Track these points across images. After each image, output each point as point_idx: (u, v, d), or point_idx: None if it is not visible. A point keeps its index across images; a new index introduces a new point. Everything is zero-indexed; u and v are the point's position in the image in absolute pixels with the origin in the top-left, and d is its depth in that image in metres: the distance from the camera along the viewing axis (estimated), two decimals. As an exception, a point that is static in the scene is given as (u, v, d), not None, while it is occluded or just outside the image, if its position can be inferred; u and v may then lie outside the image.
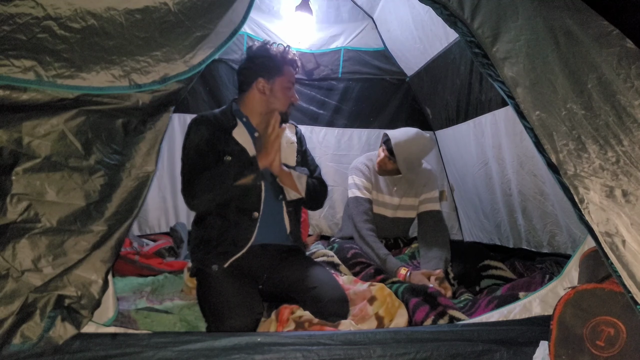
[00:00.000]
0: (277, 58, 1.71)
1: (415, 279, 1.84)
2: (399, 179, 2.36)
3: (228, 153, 1.61)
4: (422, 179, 2.36)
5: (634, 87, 1.25)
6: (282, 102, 1.71)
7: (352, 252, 2.09)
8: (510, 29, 1.29)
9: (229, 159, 1.60)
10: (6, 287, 0.95)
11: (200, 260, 1.60)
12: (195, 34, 1.16)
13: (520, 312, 1.35)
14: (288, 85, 1.72)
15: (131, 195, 1.10)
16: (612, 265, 1.09)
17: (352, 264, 2.04)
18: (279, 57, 1.72)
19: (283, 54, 1.72)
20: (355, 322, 1.43)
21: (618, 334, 1.10)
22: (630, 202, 1.15)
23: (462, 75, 2.54)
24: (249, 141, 1.66)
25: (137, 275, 2.08)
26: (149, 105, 1.13)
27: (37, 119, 1.00)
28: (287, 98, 1.72)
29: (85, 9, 1.04)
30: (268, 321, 1.44)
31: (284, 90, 1.71)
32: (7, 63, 0.96)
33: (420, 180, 2.36)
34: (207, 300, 1.50)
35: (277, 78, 1.69)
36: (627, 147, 1.20)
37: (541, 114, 1.23)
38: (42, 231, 0.98)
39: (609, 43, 1.30)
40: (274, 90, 1.70)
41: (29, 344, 0.96)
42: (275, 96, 1.70)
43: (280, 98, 1.70)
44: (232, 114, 1.71)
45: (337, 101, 3.26)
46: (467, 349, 1.15)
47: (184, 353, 1.04)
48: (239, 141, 1.65)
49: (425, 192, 2.34)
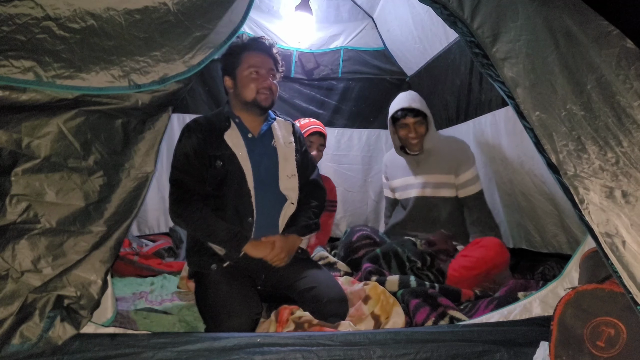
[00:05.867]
0: (234, 50, 1.65)
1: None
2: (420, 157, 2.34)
3: (219, 158, 1.60)
4: (452, 154, 2.29)
5: (633, 88, 1.25)
6: (249, 91, 1.62)
7: (358, 235, 2.16)
8: (510, 29, 1.29)
9: (220, 164, 1.59)
10: (6, 287, 0.95)
11: (197, 262, 1.60)
12: (195, 34, 1.15)
13: (521, 313, 1.35)
14: (250, 71, 1.62)
15: (130, 196, 1.10)
16: (612, 265, 1.09)
17: (356, 247, 2.09)
18: (235, 48, 1.65)
19: (240, 44, 1.66)
20: (353, 322, 1.43)
21: (618, 334, 1.09)
22: (630, 203, 1.15)
23: (462, 75, 2.53)
24: (241, 144, 1.64)
25: (136, 275, 2.09)
26: (148, 105, 1.13)
27: (37, 120, 1.00)
28: (254, 84, 1.62)
29: (84, 9, 1.04)
30: (267, 322, 1.44)
31: (247, 79, 1.63)
32: (6, 63, 0.96)
33: (451, 155, 2.28)
34: (205, 302, 1.50)
35: (237, 69, 1.64)
36: (627, 148, 1.20)
37: (541, 114, 1.23)
38: (42, 232, 0.98)
39: (609, 43, 1.29)
40: (238, 82, 1.65)
41: (28, 344, 0.96)
42: (240, 88, 1.64)
43: (245, 87, 1.63)
44: (225, 115, 1.69)
45: (336, 101, 3.26)
46: (467, 349, 1.14)
47: (183, 353, 1.04)
48: (229, 145, 1.62)
49: (463, 172, 2.26)
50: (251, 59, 1.64)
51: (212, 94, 2.99)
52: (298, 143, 1.81)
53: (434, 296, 1.57)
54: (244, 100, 1.65)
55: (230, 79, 1.67)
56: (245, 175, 1.61)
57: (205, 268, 1.55)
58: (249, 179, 1.61)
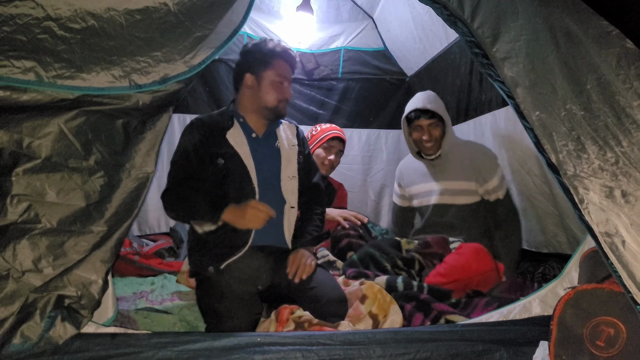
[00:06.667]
0: (265, 52, 1.66)
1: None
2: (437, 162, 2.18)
3: (221, 156, 1.60)
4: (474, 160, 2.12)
5: (633, 88, 1.25)
6: (271, 97, 1.64)
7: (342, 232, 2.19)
8: (510, 29, 1.29)
9: (221, 162, 1.59)
10: (7, 287, 0.95)
11: (197, 262, 1.60)
12: (195, 34, 1.16)
13: (520, 312, 1.35)
14: (277, 78, 1.65)
15: (131, 196, 1.10)
16: (612, 265, 1.09)
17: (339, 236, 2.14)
18: (267, 51, 1.67)
19: (273, 48, 1.67)
20: (351, 322, 1.43)
21: (618, 334, 1.09)
22: (629, 203, 1.15)
23: (462, 75, 2.53)
24: (244, 143, 1.64)
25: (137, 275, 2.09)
26: (149, 105, 1.13)
27: (38, 120, 1.00)
28: (277, 92, 1.65)
29: (85, 10, 1.04)
30: (268, 321, 1.44)
31: (272, 84, 1.64)
32: (7, 64, 0.96)
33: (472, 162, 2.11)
34: (205, 301, 1.50)
35: (265, 72, 1.64)
36: (627, 148, 1.20)
37: (541, 114, 1.23)
38: (42, 232, 0.99)
39: (609, 43, 1.30)
40: (262, 84, 1.65)
41: (29, 344, 0.96)
42: (263, 91, 1.64)
43: (268, 92, 1.64)
44: (229, 114, 1.69)
45: (337, 101, 3.27)
46: (467, 349, 1.15)
47: (183, 353, 1.04)
48: (232, 144, 1.62)
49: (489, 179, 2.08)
50: (282, 68, 1.67)
51: (213, 94, 2.99)
52: (301, 145, 1.81)
53: (427, 302, 1.55)
54: (263, 104, 1.65)
55: (253, 77, 1.66)
56: (250, 173, 1.60)
57: (205, 268, 1.54)
58: (253, 178, 1.60)
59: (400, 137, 3.35)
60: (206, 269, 1.54)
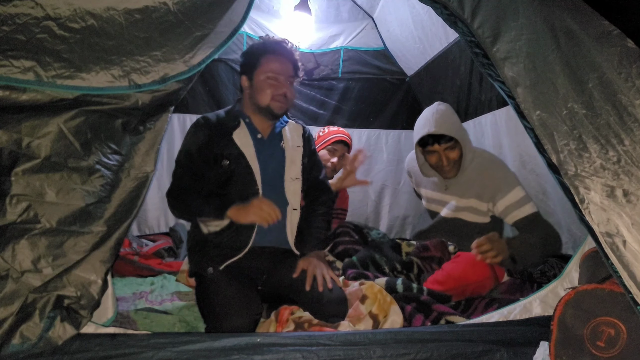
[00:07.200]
0: (254, 53, 1.64)
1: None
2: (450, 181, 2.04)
3: (226, 157, 1.59)
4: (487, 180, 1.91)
5: (635, 87, 1.24)
6: (264, 96, 1.60)
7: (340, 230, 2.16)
8: (511, 28, 1.29)
9: (226, 163, 1.59)
10: (6, 287, 0.95)
11: (197, 263, 1.59)
12: (195, 34, 1.15)
13: (521, 313, 1.35)
14: (269, 76, 1.59)
15: (130, 196, 1.10)
16: (613, 265, 1.09)
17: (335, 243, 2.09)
18: (256, 51, 1.64)
19: (261, 47, 1.65)
20: (351, 323, 1.42)
21: (618, 334, 1.09)
22: (631, 202, 1.15)
23: (462, 75, 2.53)
24: (250, 144, 1.64)
25: (137, 275, 2.08)
26: (148, 105, 1.13)
27: (37, 120, 1.00)
28: (271, 89, 1.59)
29: (84, 9, 1.03)
30: (268, 322, 1.44)
31: (265, 82, 1.60)
32: (6, 63, 0.96)
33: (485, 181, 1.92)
34: (205, 301, 1.49)
35: (255, 73, 1.62)
36: (629, 147, 1.20)
37: (542, 113, 1.22)
38: (42, 232, 0.98)
39: (610, 42, 1.29)
40: (255, 84, 1.62)
41: (28, 344, 0.96)
42: (256, 91, 1.62)
43: (261, 91, 1.60)
44: (235, 114, 1.69)
45: (337, 101, 3.26)
46: (467, 349, 1.14)
47: (183, 354, 1.04)
48: (238, 144, 1.61)
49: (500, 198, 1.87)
50: (271, 64, 1.61)
51: (213, 94, 2.98)
52: (307, 145, 1.79)
53: (427, 303, 1.55)
54: (258, 104, 1.64)
55: (247, 79, 1.65)
56: (254, 175, 1.60)
57: (204, 269, 1.54)
58: (257, 180, 1.60)
59: (400, 137, 3.36)
60: (205, 269, 1.54)
